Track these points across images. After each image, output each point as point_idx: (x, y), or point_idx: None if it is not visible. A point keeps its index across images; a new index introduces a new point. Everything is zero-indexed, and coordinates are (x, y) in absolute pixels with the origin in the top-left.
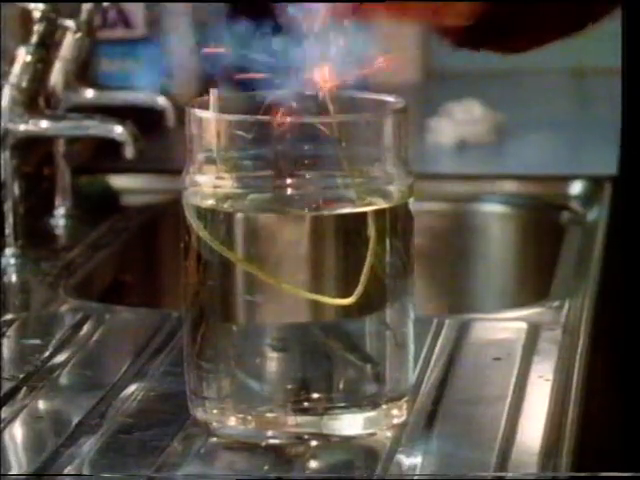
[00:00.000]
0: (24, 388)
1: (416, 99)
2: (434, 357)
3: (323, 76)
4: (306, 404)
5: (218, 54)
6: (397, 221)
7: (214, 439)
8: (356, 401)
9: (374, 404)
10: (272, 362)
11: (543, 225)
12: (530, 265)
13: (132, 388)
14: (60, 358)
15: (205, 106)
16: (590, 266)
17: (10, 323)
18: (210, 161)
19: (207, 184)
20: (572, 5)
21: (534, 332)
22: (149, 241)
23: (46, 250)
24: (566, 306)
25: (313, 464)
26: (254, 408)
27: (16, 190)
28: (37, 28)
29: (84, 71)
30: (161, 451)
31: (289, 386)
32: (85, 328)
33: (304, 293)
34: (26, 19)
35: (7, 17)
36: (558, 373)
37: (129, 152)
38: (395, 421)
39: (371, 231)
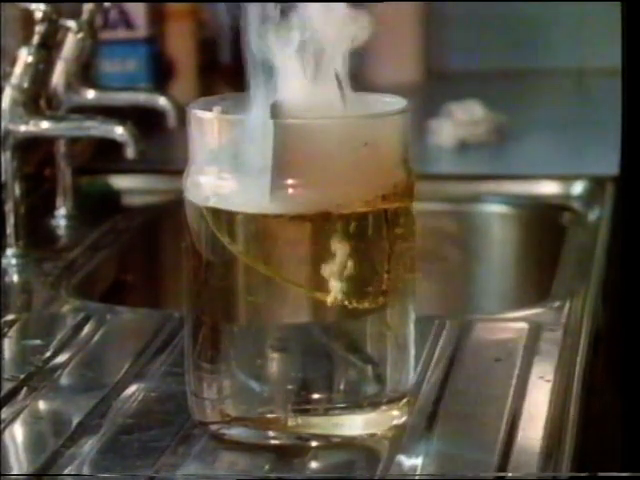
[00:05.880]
0: (25, 388)
1: (416, 99)
2: (435, 358)
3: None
4: (307, 405)
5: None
6: (398, 221)
7: (214, 440)
8: (357, 402)
9: (375, 405)
10: (273, 363)
11: (544, 225)
12: (531, 265)
13: (133, 388)
14: (61, 358)
15: (206, 107)
16: (591, 266)
17: (11, 323)
18: (211, 161)
19: (208, 184)
20: None
21: (535, 333)
22: (150, 241)
23: (47, 250)
24: (567, 306)
25: (314, 465)
26: (255, 409)
27: (17, 191)
28: (38, 29)
29: (85, 72)
30: (161, 452)
31: (290, 387)
32: (86, 328)
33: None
34: (27, 20)
35: (8, 18)
36: (559, 374)
37: (130, 153)
38: (396, 422)
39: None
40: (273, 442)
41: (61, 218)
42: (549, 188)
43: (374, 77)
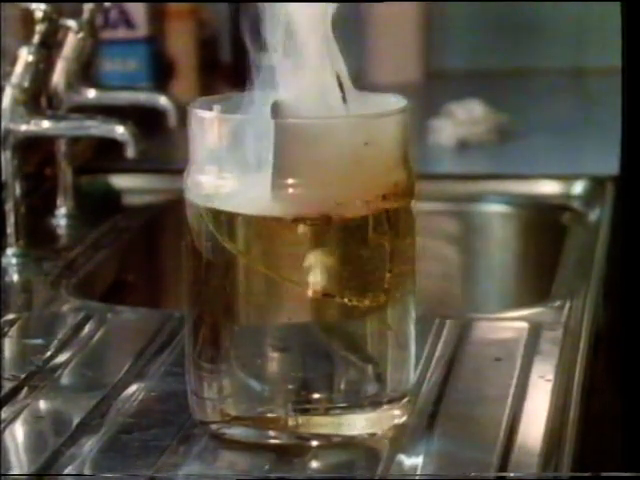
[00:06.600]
0: (25, 388)
1: (416, 99)
2: (435, 357)
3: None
4: (307, 404)
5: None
6: (398, 221)
7: (215, 439)
8: (357, 401)
9: (375, 404)
10: (273, 362)
11: (544, 225)
12: (531, 265)
13: (133, 388)
14: (61, 358)
15: (207, 106)
16: (592, 266)
17: (12, 323)
18: (212, 161)
19: (209, 184)
20: None
21: (535, 332)
22: (151, 241)
23: (48, 250)
24: (567, 306)
25: (314, 464)
26: (255, 408)
27: (17, 190)
28: (39, 28)
29: (86, 71)
30: (162, 451)
31: (290, 386)
32: (87, 328)
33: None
34: (28, 19)
35: (9, 17)
36: (559, 373)
37: (130, 152)
38: (396, 421)
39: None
40: (273, 442)
41: (61, 217)
42: (549, 188)
43: (374, 77)
